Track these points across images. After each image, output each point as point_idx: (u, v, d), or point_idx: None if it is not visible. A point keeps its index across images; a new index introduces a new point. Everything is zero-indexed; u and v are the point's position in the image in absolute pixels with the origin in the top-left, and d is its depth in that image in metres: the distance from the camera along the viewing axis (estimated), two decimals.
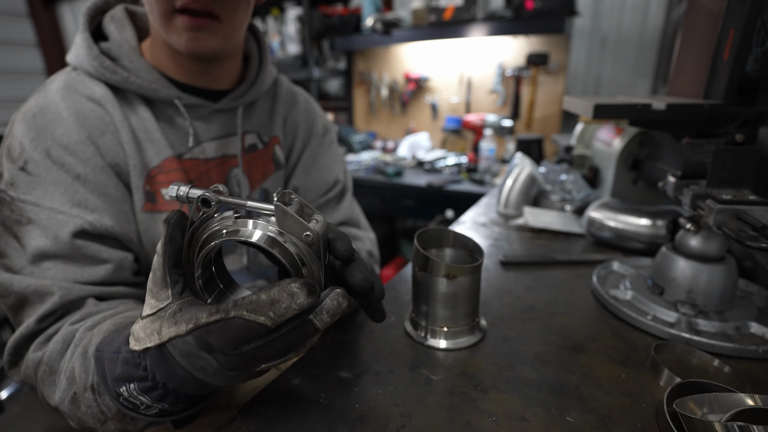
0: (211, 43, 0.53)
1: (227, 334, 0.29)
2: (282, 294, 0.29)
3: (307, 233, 0.31)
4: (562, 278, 0.66)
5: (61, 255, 0.48)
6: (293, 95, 0.75)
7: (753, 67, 0.53)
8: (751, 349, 0.46)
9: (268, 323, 0.29)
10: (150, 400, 0.35)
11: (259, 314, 0.29)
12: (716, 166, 0.50)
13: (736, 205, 0.47)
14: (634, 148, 0.80)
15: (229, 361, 0.31)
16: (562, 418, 0.38)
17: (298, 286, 0.29)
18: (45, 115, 0.52)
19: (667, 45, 1.79)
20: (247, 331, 0.29)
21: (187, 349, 0.31)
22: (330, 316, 0.31)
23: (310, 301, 0.30)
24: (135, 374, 0.35)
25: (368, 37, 2.17)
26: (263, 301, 0.29)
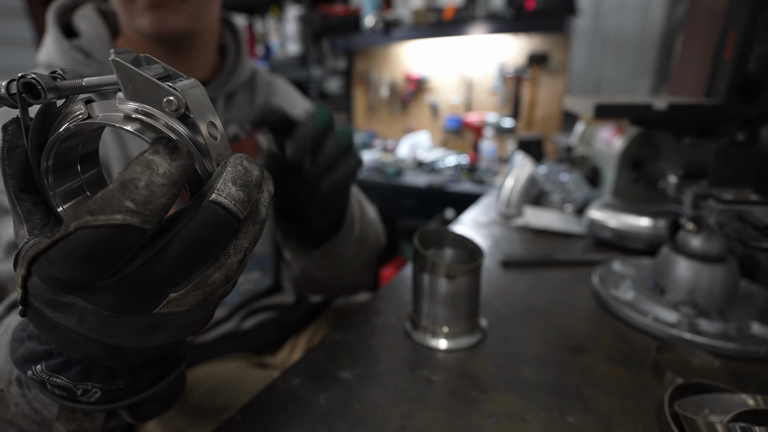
0: (177, 21, 0.52)
1: (73, 257, 0.19)
2: (134, 169, 0.19)
3: (169, 98, 0.21)
4: (563, 278, 0.65)
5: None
6: (271, 84, 0.75)
7: (755, 66, 0.53)
8: (752, 350, 0.46)
9: (131, 220, 0.19)
10: (69, 380, 0.26)
11: (110, 211, 0.18)
12: (717, 165, 0.50)
13: (738, 205, 0.47)
14: (635, 147, 0.80)
15: (105, 298, 0.21)
16: (563, 419, 0.38)
17: (151, 149, 0.20)
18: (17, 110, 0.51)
19: (668, 44, 1.79)
20: (103, 243, 0.19)
21: (42, 294, 0.22)
22: (241, 187, 0.21)
23: (179, 164, 0.20)
24: (38, 349, 0.26)
25: (368, 37, 2.17)
26: (112, 191, 0.19)
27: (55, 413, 0.29)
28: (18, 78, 0.21)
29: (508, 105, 2.15)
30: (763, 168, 0.52)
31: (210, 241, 0.21)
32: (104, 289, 0.21)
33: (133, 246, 0.20)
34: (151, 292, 0.21)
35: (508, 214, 0.95)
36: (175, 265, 0.21)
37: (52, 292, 0.21)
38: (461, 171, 1.97)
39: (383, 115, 2.53)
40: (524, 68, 2.04)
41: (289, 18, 2.41)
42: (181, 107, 0.21)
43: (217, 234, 0.21)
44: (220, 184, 0.21)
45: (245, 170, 0.22)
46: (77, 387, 0.26)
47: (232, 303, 0.64)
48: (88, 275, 0.20)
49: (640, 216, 0.72)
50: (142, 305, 0.22)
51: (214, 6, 0.57)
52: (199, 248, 0.21)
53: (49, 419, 0.29)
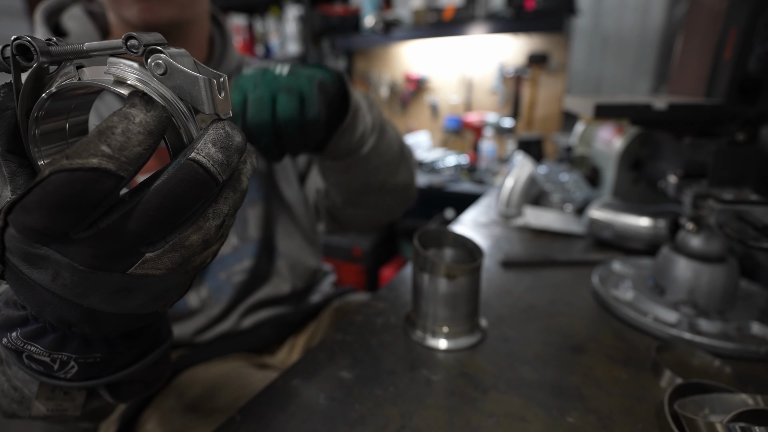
0: (165, 12, 0.52)
1: (47, 203, 0.19)
2: (112, 119, 0.19)
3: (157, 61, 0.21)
4: (563, 278, 0.65)
5: None
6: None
7: (755, 66, 0.53)
8: (752, 350, 0.46)
9: (106, 165, 0.18)
10: (44, 348, 0.25)
11: (86, 155, 0.18)
12: (717, 165, 0.50)
13: (738, 205, 0.47)
14: (635, 147, 0.80)
15: (80, 251, 0.21)
16: (563, 419, 0.38)
17: (128, 103, 0.20)
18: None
19: (668, 44, 1.79)
20: (78, 187, 0.18)
21: (18, 246, 0.21)
22: (221, 149, 0.21)
23: (155, 114, 0.20)
24: (14, 315, 0.26)
25: (368, 37, 2.17)
26: (88, 138, 0.19)
27: (35, 391, 0.29)
28: (12, 40, 0.21)
29: (508, 105, 2.15)
30: (763, 168, 0.52)
31: (187, 198, 0.21)
32: (79, 242, 0.20)
33: (108, 193, 0.19)
34: (126, 248, 0.21)
35: (508, 214, 0.95)
36: (151, 219, 0.20)
37: (28, 244, 0.21)
38: (461, 171, 1.97)
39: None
40: (524, 68, 2.04)
41: (289, 18, 2.41)
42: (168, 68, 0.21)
43: (194, 192, 0.21)
44: (200, 144, 0.21)
45: (226, 134, 0.21)
46: (53, 359, 0.26)
47: (227, 298, 0.64)
48: (62, 222, 0.19)
49: (640, 216, 0.72)
50: (116, 262, 0.21)
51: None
52: (176, 205, 0.20)
53: (29, 397, 0.29)
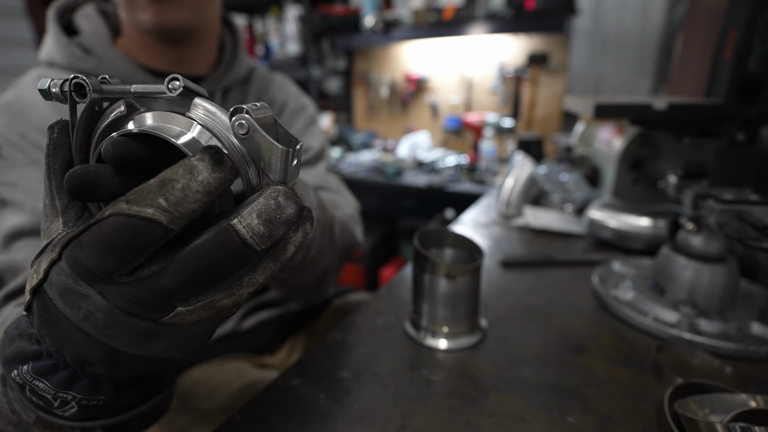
0: (178, 16, 0.52)
1: (102, 242, 0.20)
2: (177, 171, 0.20)
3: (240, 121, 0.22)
4: (563, 278, 0.65)
5: (36, 231, 0.46)
6: (268, 78, 0.74)
7: (755, 66, 0.53)
8: (752, 350, 0.46)
9: (159, 217, 0.19)
10: (52, 386, 0.25)
11: (144, 204, 0.19)
12: (717, 165, 0.50)
13: (738, 205, 0.47)
14: (635, 147, 0.80)
15: (119, 296, 0.21)
16: (563, 419, 0.38)
17: (198, 156, 0.20)
18: (20, 103, 0.52)
19: (668, 44, 1.79)
20: (130, 233, 0.19)
21: (63, 282, 0.22)
22: (264, 222, 0.20)
23: (219, 176, 0.20)
24: (28, 349, 0.25)
25: (368, 37, 2.17)
26: (150, 186, 0.20)
27: (33, 417, 0.28)
28: (70, 78, 0.23)
29: (508, 105, 2.15)
30: (763, 168, 0.52)
31: (221, 264, 0.21)
32: (119, 287, 0.21)
33: (155, 242, 0.20)
34: (161, 301, 0.22)
35: (508, 214, 0.95)
36: (185, 279, 0.21)
37: (73, 280, 0.22)
38: (461, 171, 1.97)
39: (383, 115, 2.53)
40: (524, 68, 2.04)
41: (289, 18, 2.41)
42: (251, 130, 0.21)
43: (228, 260, 0.21)
44: (246, 212, 0.20)
45: (276, 206, 0.21)
46: (56, 396, 0.26)
47: None
48: (111, 264, 0.20)
49: (640, 216, 0.72)
50: (151, 310, 0.22)
51: (215, 2, 0.58)
52: (209, 269, 0.21)
53: (26, 422, 0.28)
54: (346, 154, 2.30)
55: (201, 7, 0.55)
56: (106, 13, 0.61)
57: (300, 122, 0.74)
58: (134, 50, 0.58)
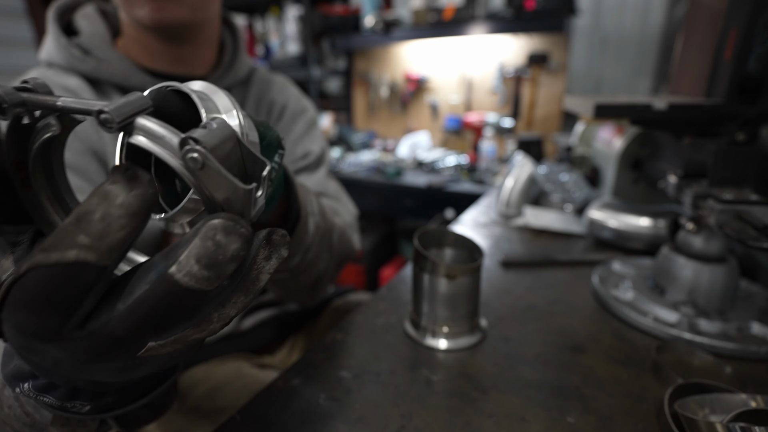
0: (177, 13, 0.52)
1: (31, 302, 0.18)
2: (91, 201, 0.17)
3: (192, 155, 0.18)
4: (563, 278, 0.65)
5: None
6: (268, 80, 0.74)
7: (755, 66, 0.53)
8: (752, 350, 0.46)
9: (85, 256, 0.17)
10: (57, 400, 0.25)
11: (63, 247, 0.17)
12: (718, 165, 0.50)
13: (738, 205, 0.47)
14: (635, 147, 0.80)
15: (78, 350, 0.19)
16: (563, 419, 0.38)
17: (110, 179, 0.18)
18: None
19: (668, 44, 1.79)
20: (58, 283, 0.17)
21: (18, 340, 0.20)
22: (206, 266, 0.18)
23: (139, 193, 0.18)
24: (25, 369, 0.25)
25: (368, 37, 2.17)
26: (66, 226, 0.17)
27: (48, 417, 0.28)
28: None
29: (508, 105, 2.15)
30: (763, 168, 0.52)
31: (172, 310, 0.19)
32: (77, 341, 0.19)
33: (92, 284, 0.18)
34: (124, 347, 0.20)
35: (508, 214, 0.95)
36: (140, 327, 0.19)
37: (25, 340, 0.19)
38: (461, 171, 1.97)
39: (383, 115, 2.53)
40: (524, 68, 2.04)
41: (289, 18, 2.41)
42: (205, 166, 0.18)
43: (180, 305, 0.19)
44: (183, 257, 0.18)
45: (216, 246, 0.18)
46: (64, 406, 0.25)
47: None
48: (50, 322, 0.18)
49: (640, 216, 0.72)
50: (117, 354, 0.20)
51: (215, 1, 0.58)
52: (162, 316, 0.19)
53: (41, 422, 0.28)
54: (346, 154, 2.30)
55: (200, 4, 0.54)
56: (106, 13, 0.61)
57: (300, 125, 0.74)
58: (133, 50, 0.58)
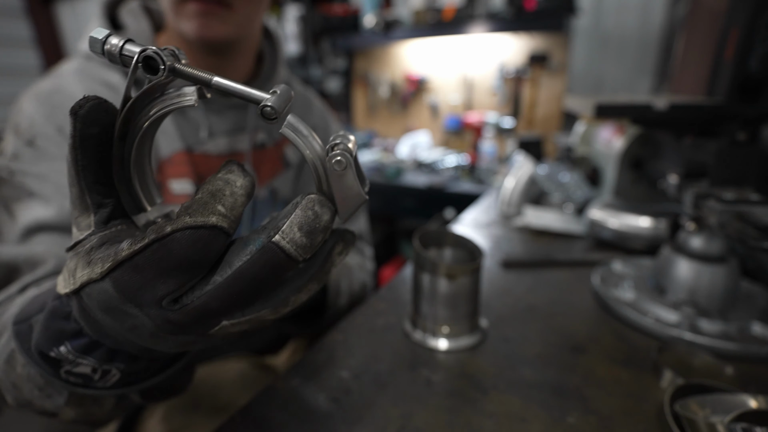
0: (222, 30, 0.52)
1: (169, 260, 0.20)
2: (217, 183, 0.21)
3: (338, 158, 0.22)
4: (563, 278, 0.65)
5: (60, 227, 0.46)
6: (307, 100, 0.74)
7: (755, 66, 0.53)
8: (753, 350, 0.46)
9: (222, 223, 0.20)
10: (96, 361, 0.25)
11: (207, 213, 0.20)
12: (718, 165, 0.50)
13: (739, 205, 0.46)
14: (636, 147, 0.80)
15: (166, 322, 0.21)
16: (563, 419, 0.38)
17: (227, 169, 0.22)
18: (60, 94, 0.52)
19: (668, 44, 1.79)
20: (200, 244, 0.20)
21: (106, 300, 0.21)
22: (306, 233, 0.21)
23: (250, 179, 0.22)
24: (66, 328, 0.25)
25: (368, 37, 2.17)
26: (203, 197, 0.21)
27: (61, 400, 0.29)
28: (141, 50, 0.20)
29: (508, 105, 2.15)
30: (763, 168, 0.52)
31: (267, 281, 0.21)
32: (168, 313, 0.21)
33: (219, 251, 0.21)
34: (208, 322, 0.22)
35: (508, 214, 0.94)
36: (232, 301, 0.21)
37: (120, 301, 0.21)
38: (461, 171, 1.97)
39: (383, 115, 2.53)
40: (524, 68, 2.03)
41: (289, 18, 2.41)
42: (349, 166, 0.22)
43: (274, 276, 0.21)
44: (286, 226, 0.21)
45: (314, 216, 0.21)
46: (96, 369, 0.26)
47: None
48: (171, 284, 0.20)
49: (640, 216, 0.72)
50: (197, 329, 0.22)
51: (260, 16, 0.58)
52: (256, 288, 0.21)
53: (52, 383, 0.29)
54: None
55: (246, 22, 0.54)
56: (149, 9, 0.61)
57: None
58: None
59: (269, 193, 0.66)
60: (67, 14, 3.17)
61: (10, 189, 0.47)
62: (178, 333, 0.22)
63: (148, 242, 0.19)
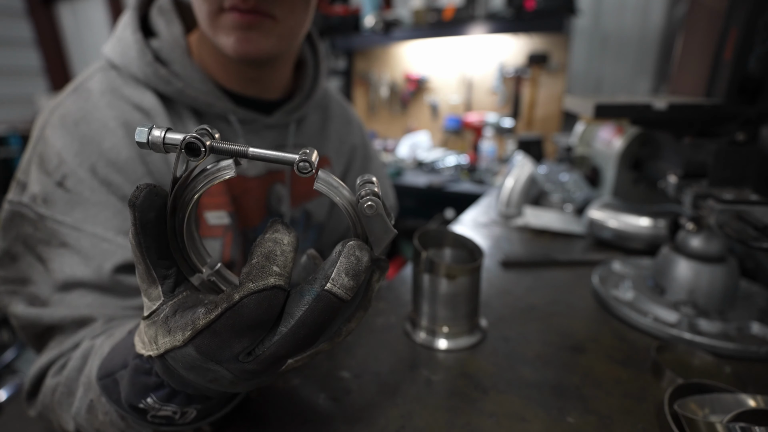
0: (264, 44, 0.47)
1: (241, 323, 0.23)
2: (267, 245, 0.24)
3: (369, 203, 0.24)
4: (563, 278, 0.65)
5: (98, 286, 0.43)
6: (346, 112, 0.71)
7: (755, 66, 0.53)
8: (752, 350, 0.46)
9: (280, 282, 0.23)
10: (177, 406, 0.30)
11: (265, 276, 0.23)
12: (717, 165, 0.50)
13: (738, 205, 0.46)
14: (635, 147, 0.80)
15: (243, 372, 0.25)
16: (563, 419, 0.38)
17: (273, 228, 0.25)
18: (89, 124, 0.46)
19: (668, 44, 1.79)
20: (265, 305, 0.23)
21: (190, 362, 0.25)
22: (352, 277, 0.24)
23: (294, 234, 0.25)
24: (149, 382, 0.29)
25: (368, 37, 2.17)
26: (259, 262, 0.24)
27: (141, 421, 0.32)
28: (183, 139, 0.23)
29: (508, 105, 2.15)
30: (763, 168, 0.52)
31: (325, 324, 0.24)
32: (244, 364, 0.24)
33: (280, 306, 0.24)
34: (278, 365, 0.25)
35: (508, 214, 0.95)
36: (298, 346, 0.24)
37: (202, 361, 0.24)
38: (461, 171, 1.97)
39: (383, 115, 2.53)
40: (524, 68, 2.04)
41: None
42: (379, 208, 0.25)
43: (331, 317, 0.24)
44: (335, 274, 0.24)
45: (357, 260, 0.24)
46: (177, 412, 0.30)
47: None
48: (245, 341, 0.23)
49: (640, 216, 0.72)
50: (268, 372, 0.26)
51: (305, 27, 0.51)
52: (317, 331, 0.24)
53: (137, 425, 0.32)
54: None
55: (291, 34, 0.49)
56: (179, 3, 0.55)
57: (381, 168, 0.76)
58: (208, 61, 0.52)
59: (303, 214, 0.63)
60: (67, 14, 3.17)
61: (40, 233, 0.44)
62: (252, 378, 0.26)
63: (222, 311, 0.23)
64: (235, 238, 0.54)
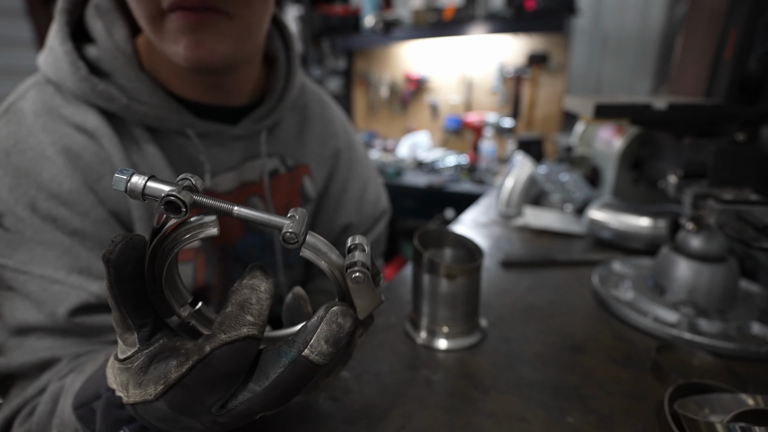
0: (219, 48, 0.40)
1: (211, 377, 0.22)
2: (243, 292, 0.24)
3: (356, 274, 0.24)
4: (563, 278, 0.65)
5: (53, 330, 0.40)
6: (326, 112, 0.63)
7: (755, 66, 0.53)
8: (752, 350, 0.46)
9: (254, 332, 0.23)
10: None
11: (238, 326, 0.23)
12: (717, 165, 0.50)
13: (738, 205, 0.47)
14: (635, 147, 0.80)
15: (215, 425, 0.25)
16: (563, 419, 0.38)
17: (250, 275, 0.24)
18: (23, 153, 0.40)
19: (668, 44, 1.79)
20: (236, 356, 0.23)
21: (161, 415, 0.24)
22: (331, 344, 0.24)
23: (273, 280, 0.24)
24: (122, 415, 0.28)
25: (368, 37, 2.17)
26: (232, 311, 0.23)
27: None
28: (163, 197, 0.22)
29: (508, 105, 2.15)
30: (763, 168, 0.52)
31: (299, 387, 0.24)
32: (217, 417, 0.24)
33: (253, 358, 0.24)
34: (250, 419, 0.25)
35: (508, 214, 0.95)
36: (271, 405, 0.25)
37: (174, 416, 0.24)
38: (461, 171, 1.97)
39: (383, 115, 2.53)
40: (524, 68, 2.04)
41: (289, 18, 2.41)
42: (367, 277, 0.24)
43: (306, 381, 0.24)
44: (314, 340, 0.23)
45: (338, 327, 0.24)
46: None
47: None
48: (217, 394, 0.23)
49: (640, 216, 0.72)
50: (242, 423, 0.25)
51: (266, 22, 0.45)
52: (292, 392, 0.25)
53: None
54: None
55: (249, 33, 0.42)
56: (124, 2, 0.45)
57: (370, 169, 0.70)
58: (160, 68, 0.46)
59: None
60: None
61: None
62: (223, 430, 0.25)
63: (193, 364, 0.22)
64: (208, 260, 0.50)
